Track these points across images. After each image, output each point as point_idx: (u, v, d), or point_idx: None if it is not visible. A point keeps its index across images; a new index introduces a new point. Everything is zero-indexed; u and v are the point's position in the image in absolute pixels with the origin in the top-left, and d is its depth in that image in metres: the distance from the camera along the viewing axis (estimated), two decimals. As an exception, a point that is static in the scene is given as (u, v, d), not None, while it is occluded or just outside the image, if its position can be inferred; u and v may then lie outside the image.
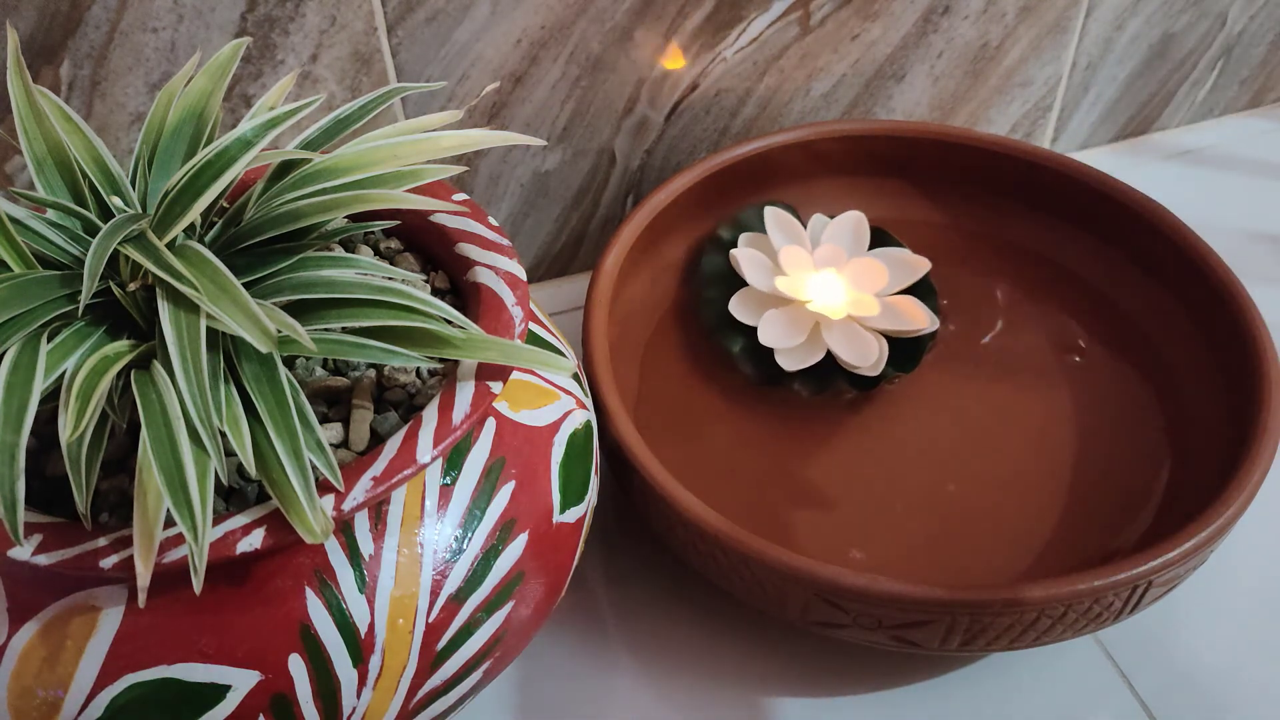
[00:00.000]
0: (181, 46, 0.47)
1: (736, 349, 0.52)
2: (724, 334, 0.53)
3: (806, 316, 0.52)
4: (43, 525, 0.30)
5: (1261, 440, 0.42)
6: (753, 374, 0.51)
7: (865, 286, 0.53)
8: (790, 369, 0.50)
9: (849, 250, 0.54)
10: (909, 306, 0.52)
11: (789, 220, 0.55)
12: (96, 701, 0.30)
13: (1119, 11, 0.64)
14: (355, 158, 0.33)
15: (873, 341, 0.50)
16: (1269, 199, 0.67)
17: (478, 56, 0.52)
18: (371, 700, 0.32)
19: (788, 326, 0.51)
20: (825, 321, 0.51)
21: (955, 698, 0.43)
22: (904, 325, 0.51)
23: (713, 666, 0.44)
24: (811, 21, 0.57)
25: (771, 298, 0.53)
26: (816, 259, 0.54)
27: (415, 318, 0.31)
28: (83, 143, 0.33)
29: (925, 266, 0.53)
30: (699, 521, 0.40)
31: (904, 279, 0.53)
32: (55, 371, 0.29)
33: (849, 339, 0.51)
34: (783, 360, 0.50)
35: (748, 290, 0.53)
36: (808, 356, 0.50)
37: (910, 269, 0.54)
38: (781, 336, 0.51)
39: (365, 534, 0.31)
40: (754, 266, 0.53)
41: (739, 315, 0.52)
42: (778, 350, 0.51)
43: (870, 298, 0.52)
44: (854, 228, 0.55)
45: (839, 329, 0.51)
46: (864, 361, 0.50)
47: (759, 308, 0.52)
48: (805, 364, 0.50)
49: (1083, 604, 0.38)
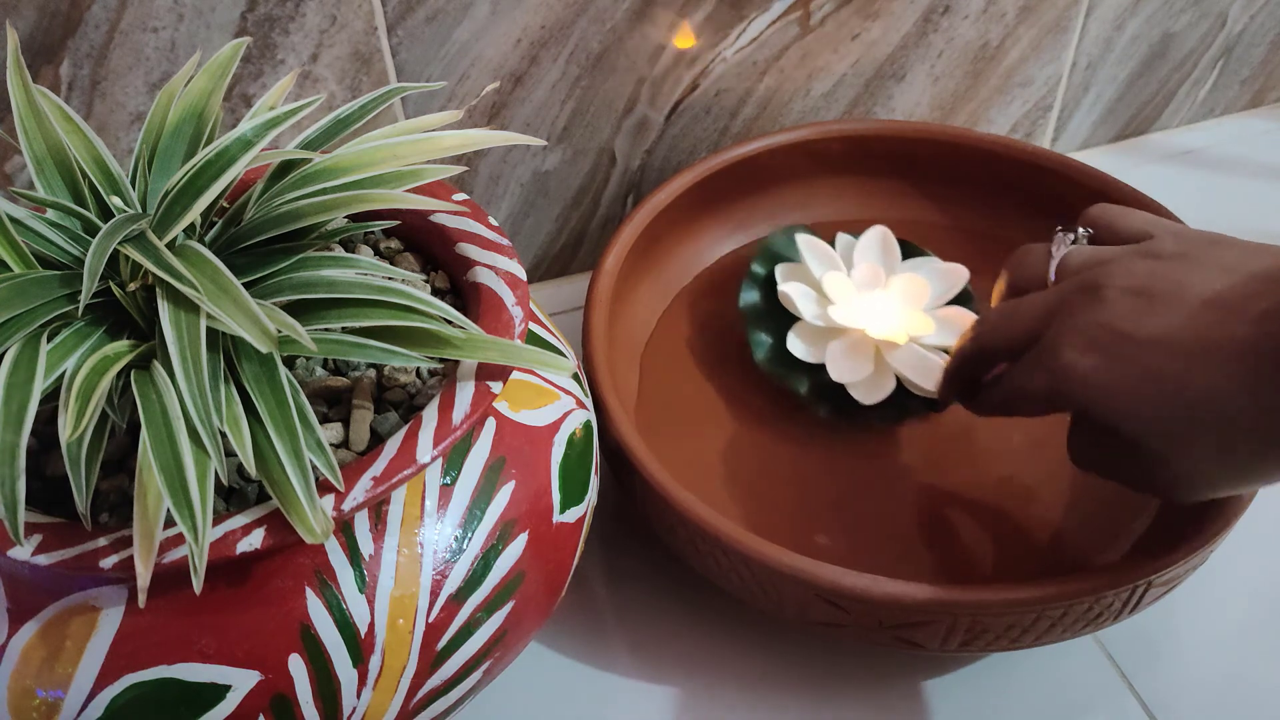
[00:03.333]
0: (181, 46, 0.47)
1: (803, 390, 0.49)
2: (785, 375, 0.50)
3: (868, 344, 0.49)
4: (43, 525, 0.30)
5: (1261, 440, 0.42)
6: (827, 414, 0.49)
7: (912, 303, 0.51)
8: (868, 403, 0.48)
9: (885, 267, 0.52)
10: (964, 319, 0.50)
11: (819, 244, 0.53)
12: (96, 701, 0.30)
13: (1119, 11, 0.64)
14: (355, 158, 0.33)
15: (939, 362, 0.48)
16: (1269, 199, 0.67)
17: (478, 56, 0.52)
18: (371, 700, 0.32)
19: (853, 358, 0.49)
20: (888, 347, 0.49)
21: (955, 698, 0.43)
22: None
23: (713, 666, 0.44)
24: (811, 21, 0.57)
25: (828, 330, 0.50)
26: (857, 281, 0.51)
27: (415, 318, 0.31)
28: (83, 143, 0.33)
29: (964, 275, 0.52)
30: (699, 521, 0.40)
31: (946, 290, 0.52)
32: (55, 371, 0.29)
33: (915, 362, 0.49)
34: (858, 394, 0.48)
35: (802, 325, 0.50)
36: (880, 387, 0.48)
37: (950, 279, 0.52)
38: (850, 370, 0.49)
39: (365, 534, 0.31)
40: (804, 299, 0.51)
41: (800, 354, 0.49)
42: (850, 385, 0.48)
43: (923, 315, 0.50)
44: (882, 243, 0.53)
45: (903, 353, 0.49)
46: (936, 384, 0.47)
47: (818, 343, 0.50)
48: (881, 396, 0.48)
49: (1083, 604, 0.38)
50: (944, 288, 0.52)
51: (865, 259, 0.52)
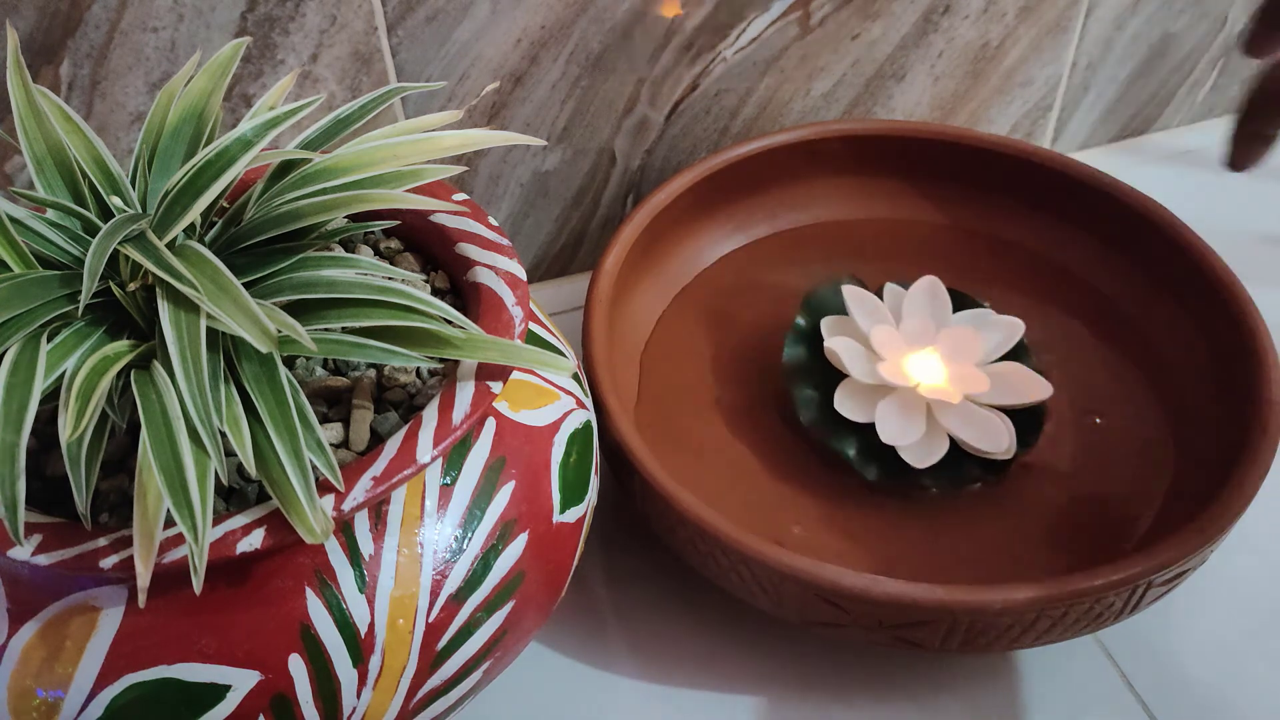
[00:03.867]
0: (181, 46, 0.47)
1: (851, 452, 0.47)
2: (831, 435, 0.47)
3: (919, 403, 0.47)
4: (43, 525, 0.30)
5: (1261, 440, 0.42)
6: (878, 477, 0.46)
7: (965, 358, 0.48)
8: (920, 466, 0.45)
9: (935, 320, 0.50)
10: (1019, 376, 0.48)
11: (866, 296, 0.50)
12: (96, 701, 0.30)
13: (1119, 11, 0.64)
14: (355, 158, 0.33)
15: (997, 421, 0.46)
16: (1269, 199, 0.67)
17: (478, 56, 0.52)
18: (371, 700, 0.32)
19: (904, 418, 0.46)
20: (941, 406, 0.47)
21: (955, 698, 0.43)
22: (1020, 398, 0.47)
23: (713, 666, 0.44)
24: (811, 21, 0.57)
25: (877, 388, 0.47)
26: (906, 335, 0.49)
27: (415, 318, 0.31)
28: (83, 143, 0.33)
29: (1020, 328, 0.49)
30: (699, 521, 0.40)
31: (1001, 343, 0.49)
32: (55, 371, 0.29)
33: (971, 422, 0.46)
34: (909, 457, 0.46)
35: (850, 383, 0.48)
36: (934, 449, 0.46)
37: (1005, 331, 0.49)
38: (901, 431, 0.46)
39: (365, 534, 0.31)
40: (850, 355, 0.48)
41: (847, 413, 0.47)
42: (901, 448, 0.46)
43: (977, 371, 0.48)
44: (931, 293, 0.50)
45: (958, 412, 0.47)
46: (995, 446, 0.46)
47: (867, 401, 0.47)
48: (934, 458, 0.45)
49: (1083, 604, 0.38)
50: (998, 341, 0.49)
51: (915, 311, 0.50)
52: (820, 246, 0.58)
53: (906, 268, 0.57)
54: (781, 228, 0.59)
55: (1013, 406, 0.47)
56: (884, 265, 0.57)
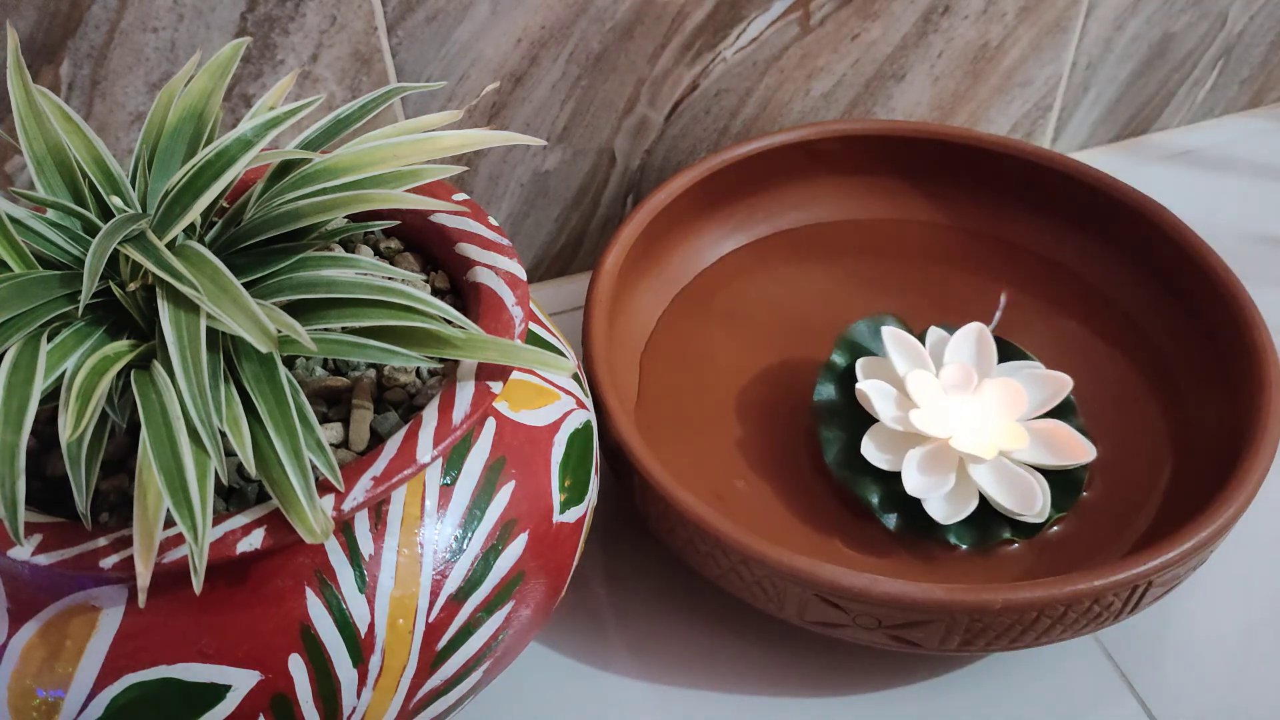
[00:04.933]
0: (181, 46, 0.47)
1: (875, 499, 0.45)
2: (856, 480, 0.46)
3: (950, 455, 0.45)
4: (43, 525, 0.30)
5: (1261, 440, 0.42)
6: (899, 528, 0.45)
7: (1005, 412, 0.46)
8: (945, 521, 0.44)
9: (978, 369, 0.48)
10: (1062, 435, 0.46)
11: (906, 339, 0.48)
12: (96, 701, 0.30)
13: (1119, 11, 0.64)
14: (355, 158, 0.33)
15: (1031, 481, 0.44)
16: (1269, 199, 0.67)
17: (478, 56, 0.52)
18: (371, 700, 0.32)
19: (933, 470, 0.45)
20: (973, 460, 0.45)
21: (955, 698, 0.43)
22: (1059, 459, 0.45)
23: (713, 666, 0.44)
24: (811, 21, 0.57)
25: (907, 436, 0.46)
26: (945, 383, 0.47)
27: (415, 318, 0.31)
28: (83, 143, 0.33)
29: (1067, 385, 0.47)
30: (699, 521, 0.40)
31: (1046, 400, 0.47)
32: (55, 371, 0.29)
33: (1004, 480, 0.45)
34: (934, 511, 0.44)
35: (879, 428, 0.47)
36: (962, 505, 0.44)
37: (1050, 387, 0.47)
38: (928, 483, 0.44)
39: (365, 534, 0.31)
40: (882, 399, 0.47)
41: (874, 460, 0.46)
42: (927, 500, 0.44)
43: (1017, 427, 0.45)
44: (977, 342, 0.49)
45: (990, 469, 0.45)
46: (1028, 507, 0.44)
47: (896, 448, 0.46)
48: (961, 515, 0.44)
49: (1083, 604, 0.38)
50: (1043, 397, 0.47)
51: (957, 358, 0.48)
52: (820, 246, 0.59)
53: (906, 267, 0.57)
54: (781, 228, 0.59)
55: (1052, 468, 0.45)
56: (884, 265, 0.57)
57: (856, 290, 0.56)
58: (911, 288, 0.56)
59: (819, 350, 0.52)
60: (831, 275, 0.57)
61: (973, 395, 0.47)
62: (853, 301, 0.55)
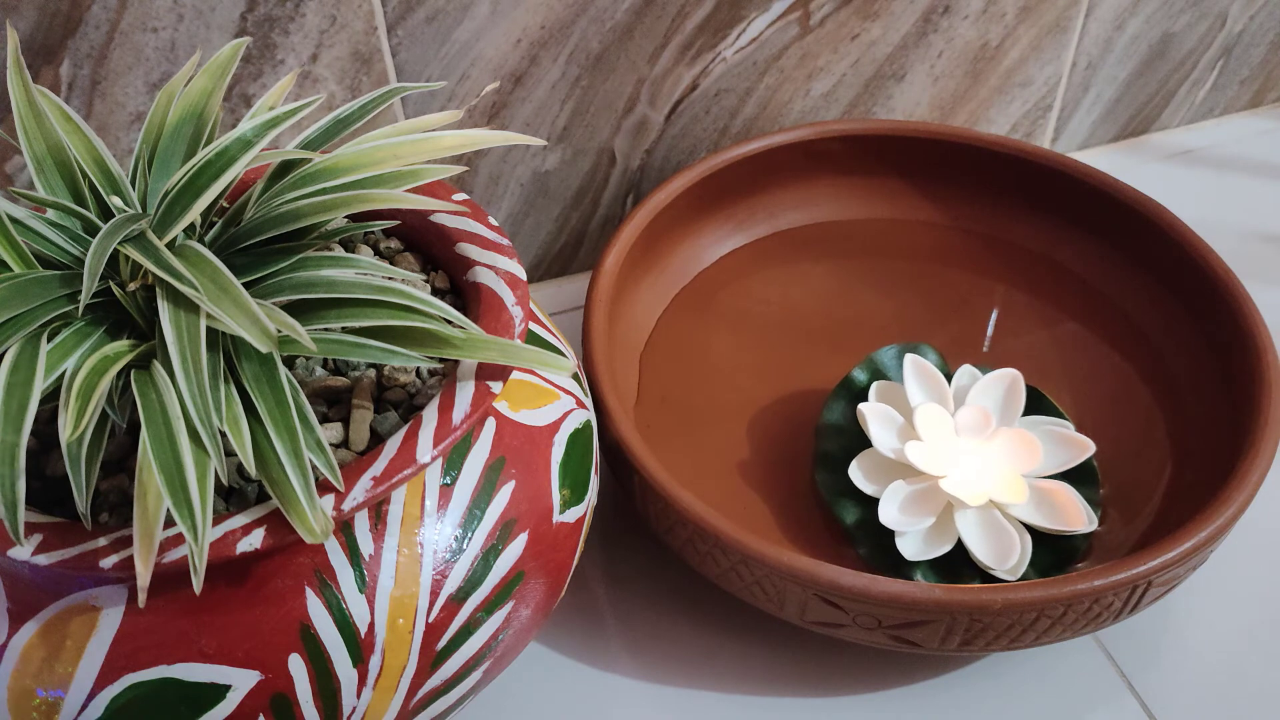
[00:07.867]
0: (181, 46, 0.47)
1: (850, 520, 0.45)
2: (837, 501, 0.45)
3: (938, 495, 0.44)
4: (43, 525, 0.30)
5: (1261, 440, 0.42)
6: (867, 554, 0.44)
7: (1013, 464, 0.44)
8: (911, 557, 0.43)
9: (998, 415, 0.46)
10: (1063, 499, 0.44)
11: (930, 371, 0.47)
12: (96, 701, 0.30)
13: (1119, 11, 0.64)
14: (355, 158, 0.33)
15: (1013, 536, 0.42)
16: (1269, 199, 0.67)
17: (478, 56, 0.52)
18: (371, 700, 0.32)
19: (914, 505, 0.44)
20: (959, 504, 0.43)
21: (955, 698, 0.43)
22: (1053, 522, 0.43)
23: (713, 666, 0.44)
24: (811, 21, 0.57)
25: (896, 465, 0.45)
26: (958, 423, 0.46)
27: (415, 318, 0.31)
28: (83, 143, 0.33)
29: (1089, 449, 0.45)
30: (699, 521, 0.40)
31: (1064, 460, 0.45)
32: (55, 371, 0.29)
33: (986, 530, 0.43)
34: (904, 546, 0.43)
35: (872, 453, 0.46)
36: (934, 545, 0.43)
37: (1071, 449, 0.45)
38: (906, 517, 0.43)
39: (365, 534, 0.31)
40: (883, 425, 0.46)
41: (859, 483, 0.45)
42: (899, 534, 0.43)
43: (1019, 481, 0.44)
44: (1008, 389, 0.47)
45: (975, 516, 0.43)
46: (1000, 562, 0.42)
47: (884, 476, 0.45)
48: (930, 555, 0.43)
49: (1083, 604, 0.38)
50: (1062, 457, 0.45)
51: (980, 400, 0.47)
52: (820, 246, 0.59)
53: (906, 267, 0.57)
54: (781, 228, 0.59)
55: (1045, 530, 0.44)
56: (884, 265, 0.57)
57: (856, 290, 0.56)
58: (911, 288, 0.56)
59: (819, 350, 0.52)
60: (831, 275, 0.57)
61: (985, 441, 0.45)
62: (853, 301, 0.55)
